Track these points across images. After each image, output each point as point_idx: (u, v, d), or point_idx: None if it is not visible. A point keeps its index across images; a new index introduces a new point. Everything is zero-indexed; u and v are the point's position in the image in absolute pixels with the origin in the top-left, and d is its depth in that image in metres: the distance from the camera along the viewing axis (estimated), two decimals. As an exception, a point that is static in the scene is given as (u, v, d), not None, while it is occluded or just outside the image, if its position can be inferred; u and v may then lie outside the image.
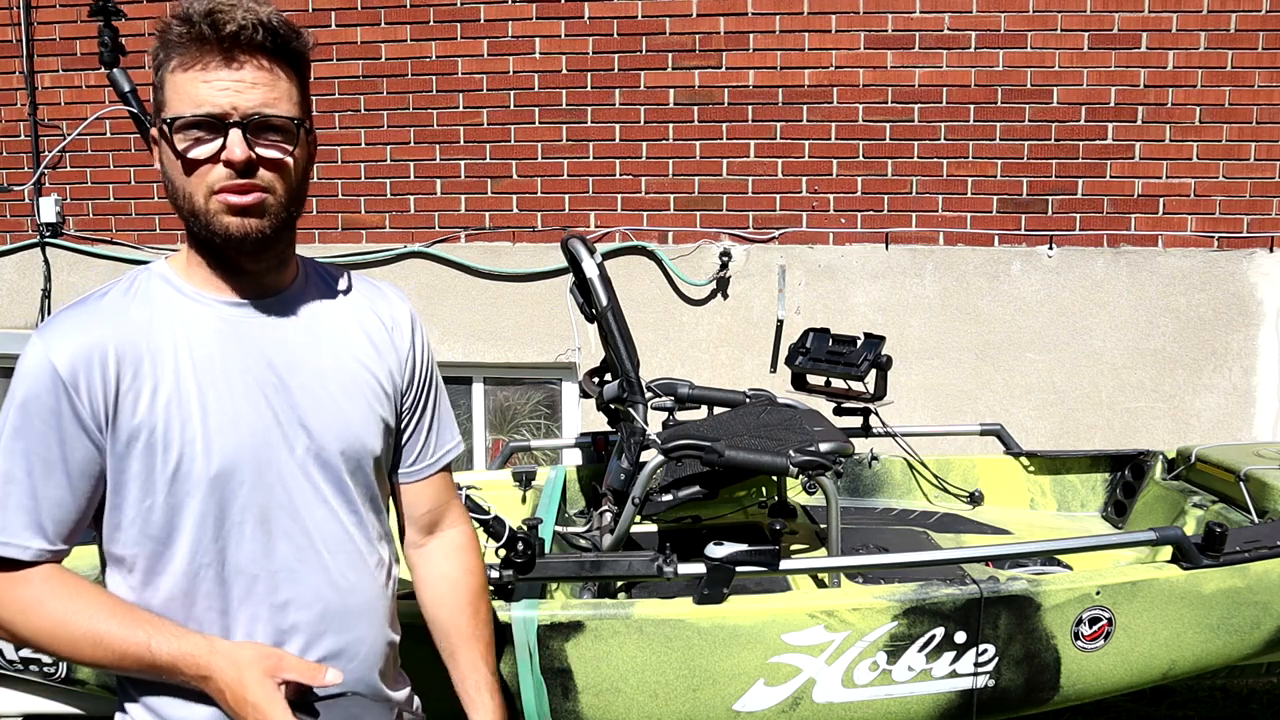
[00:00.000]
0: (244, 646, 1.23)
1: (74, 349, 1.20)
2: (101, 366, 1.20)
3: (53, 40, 4.87)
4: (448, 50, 4.64)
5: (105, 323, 1.23)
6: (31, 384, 1.19)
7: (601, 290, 2.60)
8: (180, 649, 1.20)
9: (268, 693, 1.19)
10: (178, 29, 1.19)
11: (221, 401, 1.24)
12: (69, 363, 1.19)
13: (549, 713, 2.11)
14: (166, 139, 1.21)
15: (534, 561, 2.05)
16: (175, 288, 1.28)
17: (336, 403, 1.31)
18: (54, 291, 4.96)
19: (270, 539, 1.27)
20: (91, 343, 1.21)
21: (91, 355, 1.20)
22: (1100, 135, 4.42)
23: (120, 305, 1.25)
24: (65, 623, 1.19)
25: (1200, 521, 2.75)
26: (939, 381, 4.56)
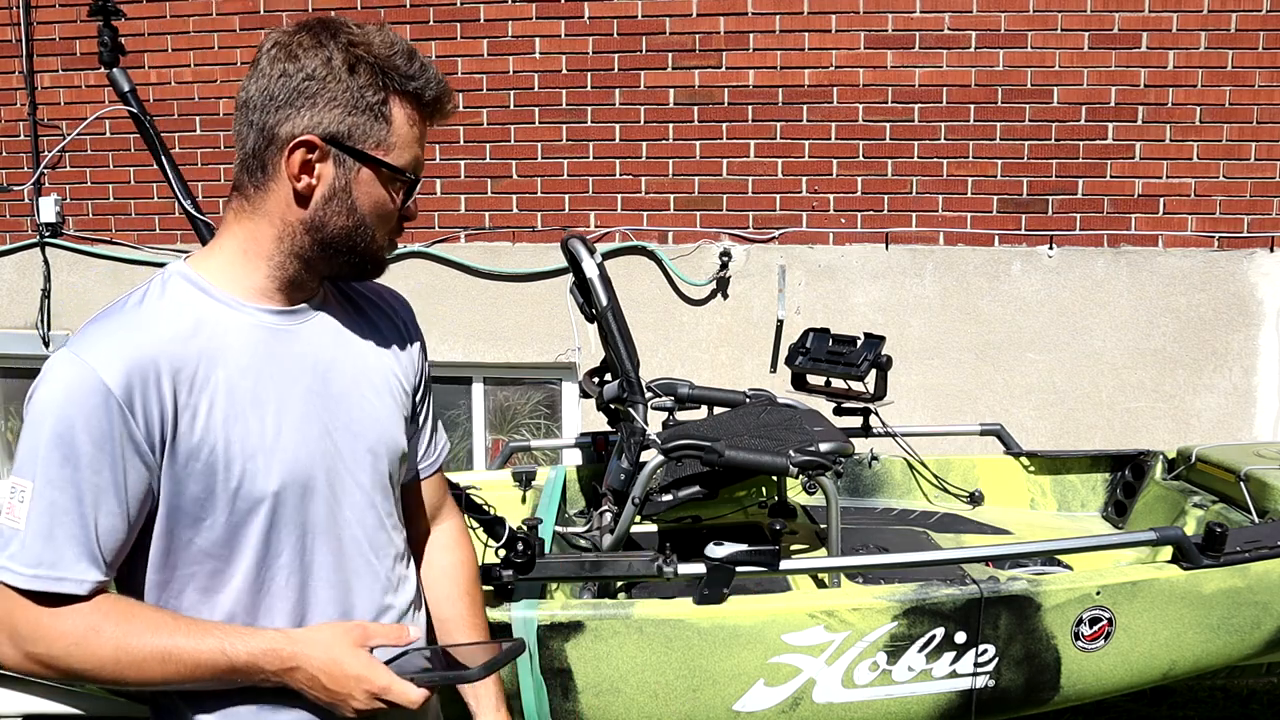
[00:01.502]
0: (321, 628, 1.21)
1: (127, 364, 1.11)
2: (157, 382, 1.13)
3: (52, 40, 4.87)
4: (448, 50, 4.64)
5: (152, 334, 1.15)
6: (80, 405, 1.10)
7: (601, 290, 2.60)
8: (259, 646, 1.16)
9: (366, 661, 1.18)
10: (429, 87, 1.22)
11: (276, 414, 1.21)
12: (123, 379, 1.11)
13: (549, 713, 2.11)
14: (385, 180, 1.23)
15: (534, 561, 2.05)
16: (208, 293, 1.21)
17: (372, 405, 1.32)
18: (54, 291, 4.96)
19: (330, 549, 1.26)
20: (144, 357, 1.13)
21: (146, 370, 1.12)
22: (1100, 135, 4.42)
23: (161, 314, 1.18)
24: (126, 646, 1.12)
25: (1200, 521, 2.75)
26: (939, 381, 4.56)
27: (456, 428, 5.01)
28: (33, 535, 1.10)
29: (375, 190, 1.22)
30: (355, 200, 1.21)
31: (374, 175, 1.21)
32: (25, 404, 1.15)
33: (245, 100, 1.20)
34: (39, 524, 1.10)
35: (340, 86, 1.17)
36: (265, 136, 1.19)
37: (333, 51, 1.17)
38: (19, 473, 1.12)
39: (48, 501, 1.11)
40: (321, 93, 1.17)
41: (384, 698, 1.17)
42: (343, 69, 1.17)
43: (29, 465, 1.11)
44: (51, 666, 1.13)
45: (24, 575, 1.10)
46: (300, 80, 1.17)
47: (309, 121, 1.17)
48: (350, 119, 1.18)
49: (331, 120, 1.18)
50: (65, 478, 1.10)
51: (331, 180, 1.20)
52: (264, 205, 1.21)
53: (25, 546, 1.10)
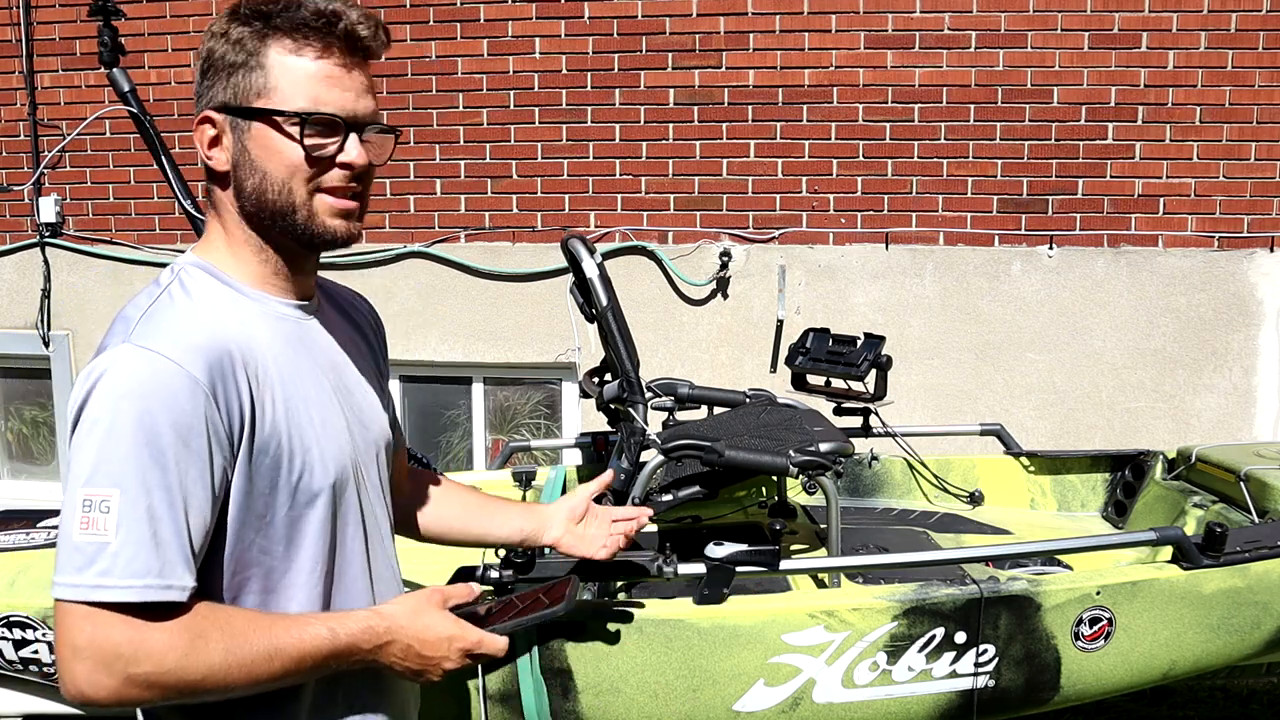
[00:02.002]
0: (403, 600, 1.24)
1: (206, 354, 1.08)
2: (234, 372, 1.10)
3: (52, 40, 4.87)
4: (448, 50, 4.64)
5: (217, 322, 1.13)
6: (164, 399, 1.04)
7: (601, 290, 2.60)
8: (355, 627, 1.16)
9: (453, 621, 1.23)
10: (306, 14, 1.14)
11: (318, 407, 1.21)
12: (207, 370, 1.07)
13: (549, 713, 2.11)
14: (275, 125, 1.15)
15: (534, 561, 2.04)
16: (231, 285, 1.20)
17: (372, 399, 1.35)
18: (54, 291, 4.96)
19: (363, 540, 1.28)
20: (220, 346, 1.10)
21: (224, 360, 1.10)
22: (1100, 135, 4.42)
23: (211, 303, 1.16)
24: (235, 649, 1.08)
25: (1200, 521, 2.75)
26: (939, 381, 4.56)
27: (456, 428, 5.01)
28: (133, 544, 1.03)
29: (270, 141, 1.15)
30: (255, 158, 1.16)
31: (266, 127, 1.15)
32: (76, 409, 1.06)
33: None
34: (138, 531, 1.03)
35: (221, 54, 1.16)
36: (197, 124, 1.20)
37: (221, 25, 1.17)
38: (94, 482, 1.03)
39: (144, 507, 1.03)
40: (211, 68, 1.17)
41: (475, 652, 1.23)
42: (222, 37, 1.16)
43: (108, 471, 1.03)
44: (157, 685, 1.05)
45: (132, 588, 1.03)
46: (201, 67, 1.18)
47: (207, 100, 1.17)
48: (232, 80, 1.15)
49: (220, 90, 1.16)
50: (156, 479, 1.04)
51: (234, 148, 1.17)
52: (214, 195, 1.22)
53: (122, 558, 1.02)
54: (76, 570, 1.02)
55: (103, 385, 1.05)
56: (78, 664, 1.02)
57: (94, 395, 1.05)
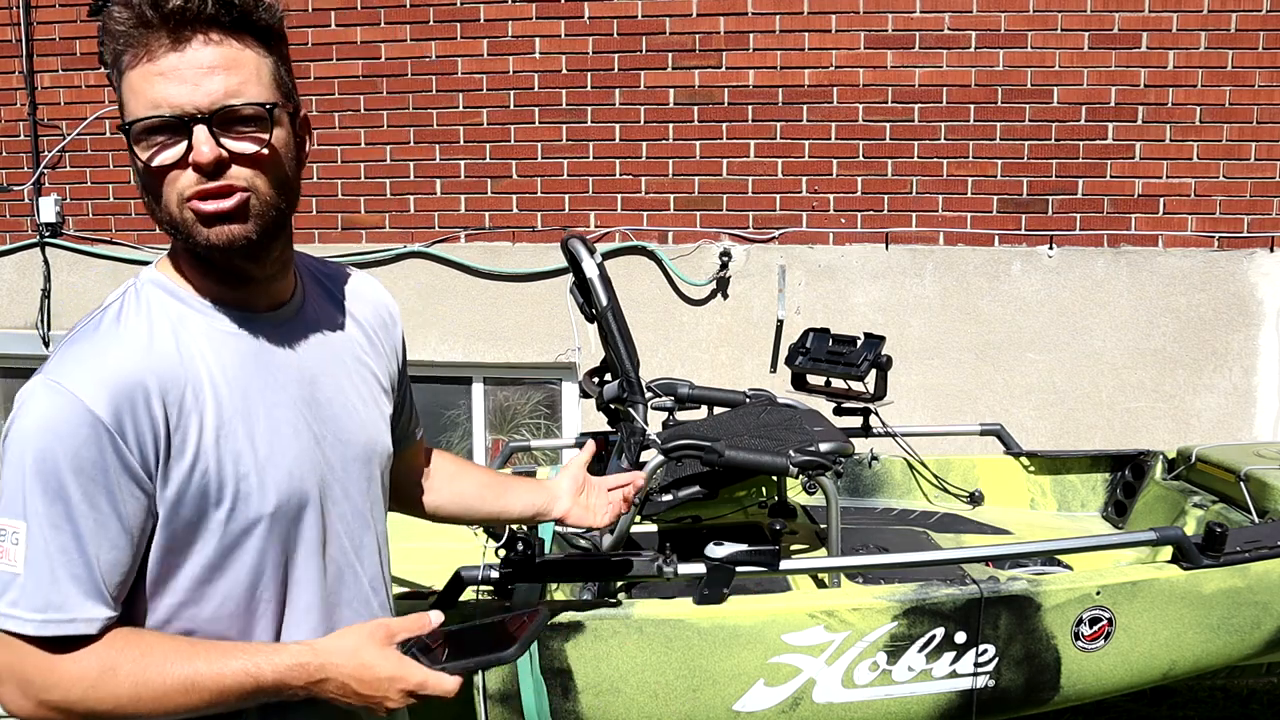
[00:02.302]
0: (345, 634, 1.16)
1: (113, 389, 1.04)
2: (147, 406, 1.06)
3: (52, 40, 4.86)
4: (448, 50, 4.64)
5: (136, 353, 1.08)
6: (65, 438, 1.02)
7: (601, 290, 2.60)
8: (284, 662, 1.10)
9: (397, 660, 1.14)
10: (119, 15, 1.03)
11: (267, 429, 1.14)
12: (111, 406, 1.04)
13: (549, 713, 2.11)
14: (129, 146, 1.07)
15: (534, 561, 2.05)
16: (183, 301, 1.14)
17: (357, 410, 1.27)
18: (54, 291, 4.96)
19: (323, 565, 1.22)
20: (130, 379, 1.05)
21: (134, 394, 1.05)
22: (1100, 135, 4.42)
23: (141, 330, 1.10)
24: (146, 681, 1.06)
25: (1200, 521, 2.75)
26: (939, 381, 4.56)
27: (456, 428, 5.01)
28: (35, 578, 1.04)
29: (134, 159, 1.08)
30: (139, 172, 1.09)
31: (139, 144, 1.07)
32: (2, 438, 1.07)
33: None
34: (40, 566, 1.04)
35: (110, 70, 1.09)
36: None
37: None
38: (7, 513, 1.04)
39: (44, 541, 1.03)
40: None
41: (420, 693, 1.14)
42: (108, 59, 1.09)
43: (17, 505, 1.04)
44: (69, 713, 1.06)
45: (32, 620, 1.04)
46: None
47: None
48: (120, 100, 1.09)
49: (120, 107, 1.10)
50: (59, 514, 1.03)
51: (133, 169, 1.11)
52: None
53: (27, 591, 1.03)
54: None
55: (19, 420, 1.05)
56: (2, 686, 1.07)
57: (12, 428, 1.05)
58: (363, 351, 1.31)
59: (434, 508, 1.60)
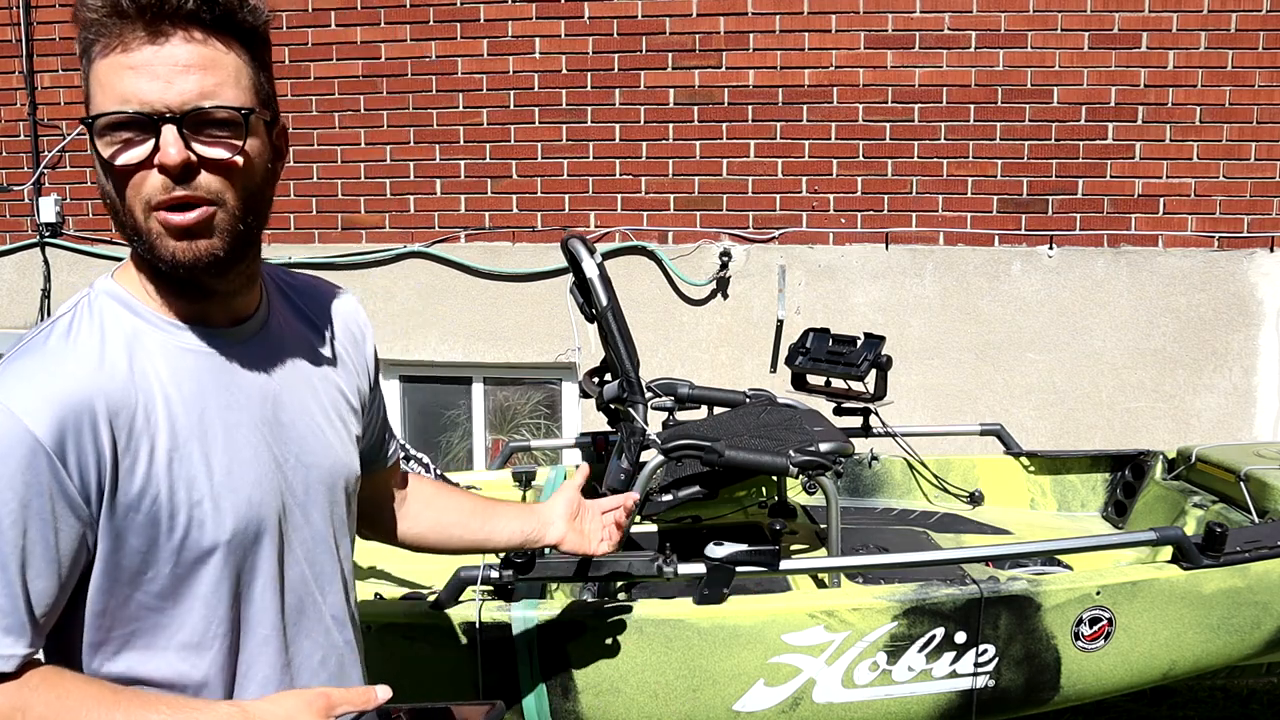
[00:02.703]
0: (281, 699, 1.06)
1: (57, 410, 0.97)
2: (93, 428, 0.99)
3: (52, 40, 4.86)
4: (448, 50, 4.64)
5: (84, 371, 1.00)
6: (2, 459, 0.95)
7: (601, 290, 2.60)
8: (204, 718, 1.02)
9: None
10: (92, 3, 0.97)
11: (224, 452, 1.08)
12: (54, 429, 0.97)
13: (549, 713, 2.11)
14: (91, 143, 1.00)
15: (534, 561, 2.04)
16: (139, 315, 1.07)
17: (324, 432, 1.20)
18: (54, 291, 4.96)
19: (280, 594, 1.15)
20: (76, 400, 0.98)
21: (80, 416, 0.98)
22: (1100, 135, 4.42)
23: (92, 345, 1.03)
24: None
25: (1200, 521, 2.74)
26: (939, 381, 4.56)
27: (456, 428, 5.01)
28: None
29: (95, 157, 1.01)
30: (101, 172, 1.02)
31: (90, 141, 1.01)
32: None
33: None
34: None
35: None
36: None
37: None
38: None
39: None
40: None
41: None
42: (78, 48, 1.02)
43: None
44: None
45: None
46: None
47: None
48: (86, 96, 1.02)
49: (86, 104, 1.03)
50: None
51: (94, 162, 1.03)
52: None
53: None
54: None
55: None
56: None
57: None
58: (330, 369, 1.24)
59: (411, 536, 1.50)
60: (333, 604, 1.23)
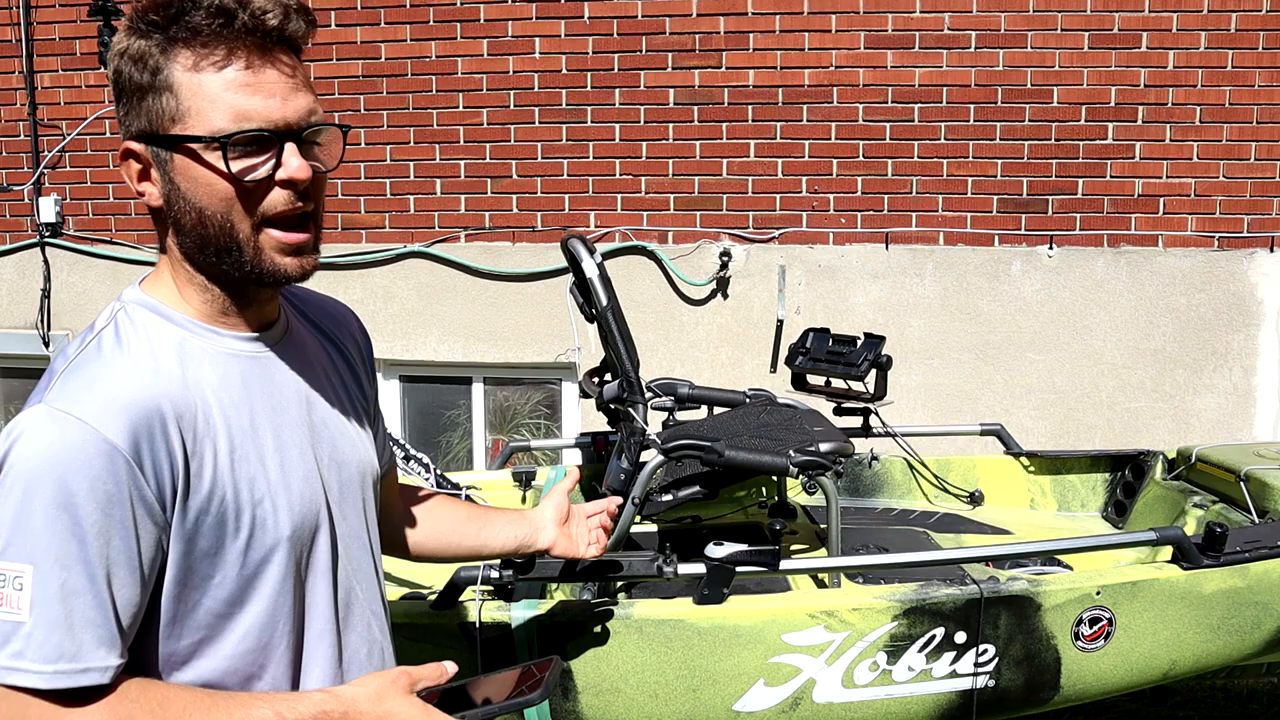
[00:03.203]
0: (366, 681, 1.11)
1: (129, 416, 0.98)
2: (164, 432, 1.00)
3: (52, 40, 4.86)
4: (448, 50, 4.64)
5: (145, 378, 1.02)
6: (81, 469, 0.96)
7: (601, 290, 2.60)
8: (308, 711, 1.05)
9: (420, 708, 1.10)
10: (199, 18, 0.99)
11: (276, 452, 1.11)
12: (130, 434, 0.98)
13: (549, 713, 2.11)
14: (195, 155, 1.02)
15: (533, 561, 2.04)
16: (178, 324, 1.09)
17: (348, 430, 1.24)
18: (54, 291, 4.96)
19: (334, 590, 1.18)
20: (147, 404, 1.00)
21: (152, 420, 1.00)
22: (1100, 135, 4.42)
23: (145, 354, 1.04)
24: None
25: (1200, 521, 2.75)
26: (939, 381, 4.56)
27: (456, 428, 5.01)
28: (45, 625, 0.95)
29: (196, 172, 1.02)
30: (185, 192, 1.04)
31: (186, 157, 1.02)
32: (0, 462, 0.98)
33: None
34: (51, 612, 0.95)
35: (128, 75, 1.02)
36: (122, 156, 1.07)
37: (120, 40, 1.03)
38: (8, 556, 0.95)
39: (58, 584, 0.95)
40: (122, 92, 1.03)
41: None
42: (124, 56, 1.02)
43: (22, 545, 0.95)
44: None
45: (42, 673, 0.95)
46: (113, 90, 1.05)
47: (125, 128, 1.05)
48: (144, 105, 1.02)
49: (136, 117, 1.03)
50: (73, 553, 0.96)
51: (162, 181, 1.05)
52: (157, 228, 1.11)
53: (35, 640, 0.95)
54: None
55: (17, 451, 0.97)
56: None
57: (8, 461, 0.97)
58: (345, 371, 1.28)
59: (408, 544, 1.51)
60: (371, 599, 1.26)
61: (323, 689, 1.12)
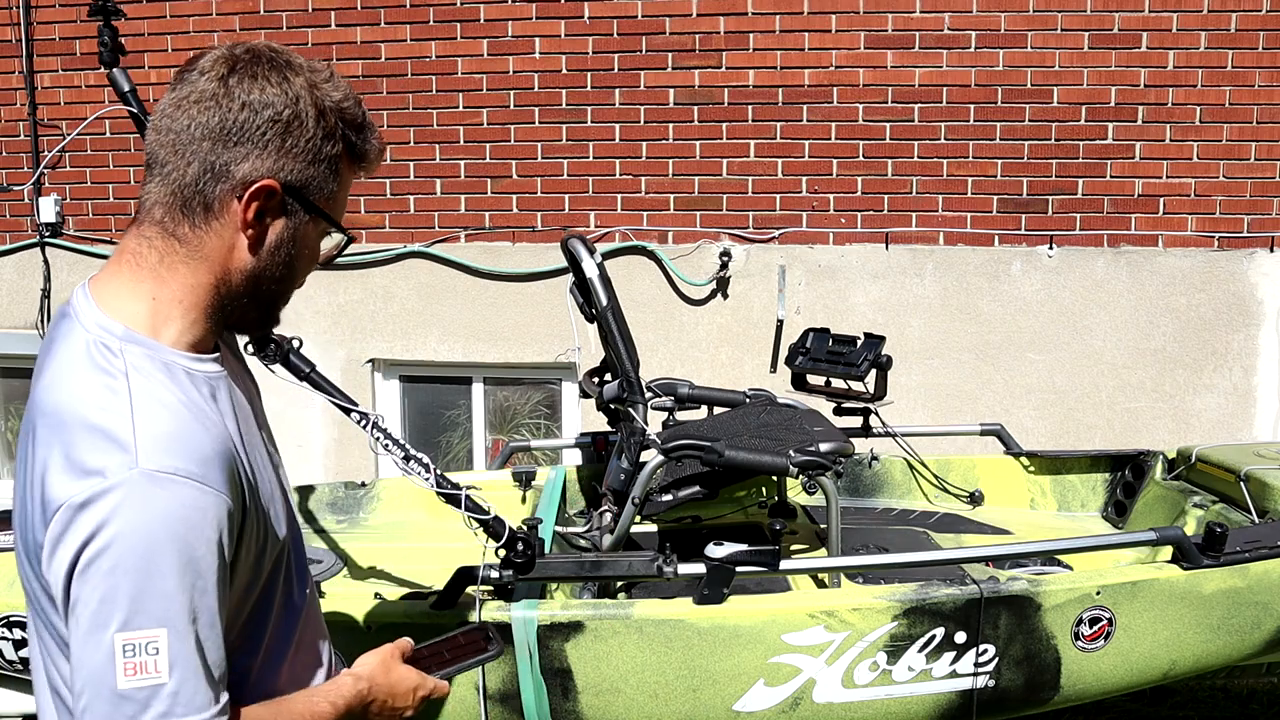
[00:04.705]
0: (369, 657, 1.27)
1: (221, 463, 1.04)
2: (240, 469, 1.07)
3: (52, 40, 4.86)
4: (448, 50, 4.64)
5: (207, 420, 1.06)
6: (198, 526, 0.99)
7: (601, 290, 2.60)
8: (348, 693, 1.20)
9: (416, 673, 1.29)
10: (375, 148, 1.17)
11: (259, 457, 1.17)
12: (227, 482, 1.04)
13: (549, 713, 2.11)
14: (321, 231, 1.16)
15: (534, 561, 2.05)
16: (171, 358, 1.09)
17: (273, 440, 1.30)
18: (54, 291, 4.96)
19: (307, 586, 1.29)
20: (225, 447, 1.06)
21: (232, 461, 1.06)
22: (1100, 135, 4.42)
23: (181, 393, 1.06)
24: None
25: (1200, 521, 2.75)
26: (939, 381, 4.56)
27: (456, 428, 5.01)
28: (192, 679, 0.99)
29: (314, 244, 1.16)
30: (296, 252, 1.13)
31: (315, 228, 1.14)
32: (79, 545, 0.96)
33: (188, 126, 1.06)
34: (193, 665, 0.99)
35: (306, 134, 1.08)
36: (215, 173, 1.06)
37: (299, 92, 1.08)
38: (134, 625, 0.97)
39: (194, 639, 0.99)
40: (288, 136, 1.07)
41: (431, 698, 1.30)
42: (309, 114, 1.08)
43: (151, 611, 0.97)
44: None
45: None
46: (266, 118, 1.06)
47: (271, 166, 1.07)
48: (310, 169, 1.10)
49: (294, 168, 1.09)
50: (202, 606, 1.00)
51: (281, 230, 1.11)
52: (202, 249, 1.09)
53: (183, 696, 0.98)
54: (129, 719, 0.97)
55: (126, 516, 0.96)
56: None
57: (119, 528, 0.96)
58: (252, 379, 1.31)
59: None
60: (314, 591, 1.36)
61: (346, 672, 1.25)
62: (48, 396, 1.05)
